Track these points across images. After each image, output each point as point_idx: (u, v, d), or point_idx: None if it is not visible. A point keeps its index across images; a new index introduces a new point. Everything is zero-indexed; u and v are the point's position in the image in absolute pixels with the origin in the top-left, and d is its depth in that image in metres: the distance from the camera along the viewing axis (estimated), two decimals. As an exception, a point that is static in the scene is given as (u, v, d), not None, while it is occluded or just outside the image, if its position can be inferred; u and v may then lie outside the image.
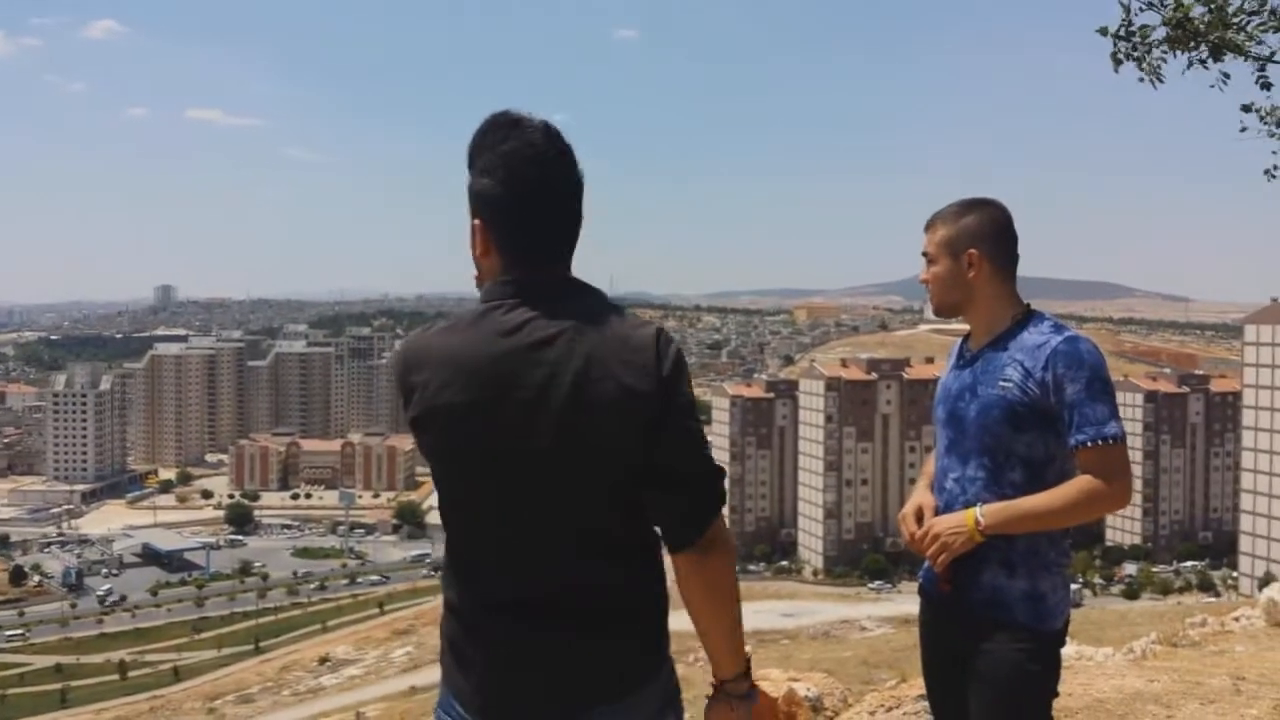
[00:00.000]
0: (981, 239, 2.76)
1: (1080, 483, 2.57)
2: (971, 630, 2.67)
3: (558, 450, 1.90)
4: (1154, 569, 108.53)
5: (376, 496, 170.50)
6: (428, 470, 1.94)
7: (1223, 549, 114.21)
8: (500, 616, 1.95)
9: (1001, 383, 2.66)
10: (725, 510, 1.83)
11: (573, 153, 2.00)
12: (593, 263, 1.96)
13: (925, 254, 2.85)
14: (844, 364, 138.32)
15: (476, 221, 2.02)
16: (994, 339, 2.75)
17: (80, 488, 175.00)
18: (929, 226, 2.85)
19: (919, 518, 2.81)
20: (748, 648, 1.95)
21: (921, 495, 2.86)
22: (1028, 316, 2.74)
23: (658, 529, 1.99)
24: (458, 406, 1.91)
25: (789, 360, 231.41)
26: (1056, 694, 2.70)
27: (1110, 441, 2.54)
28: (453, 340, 1.95)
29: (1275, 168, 5.80)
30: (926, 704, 5.24)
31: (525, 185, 1.96)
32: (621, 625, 1.97)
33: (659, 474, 1.93)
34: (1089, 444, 2.54)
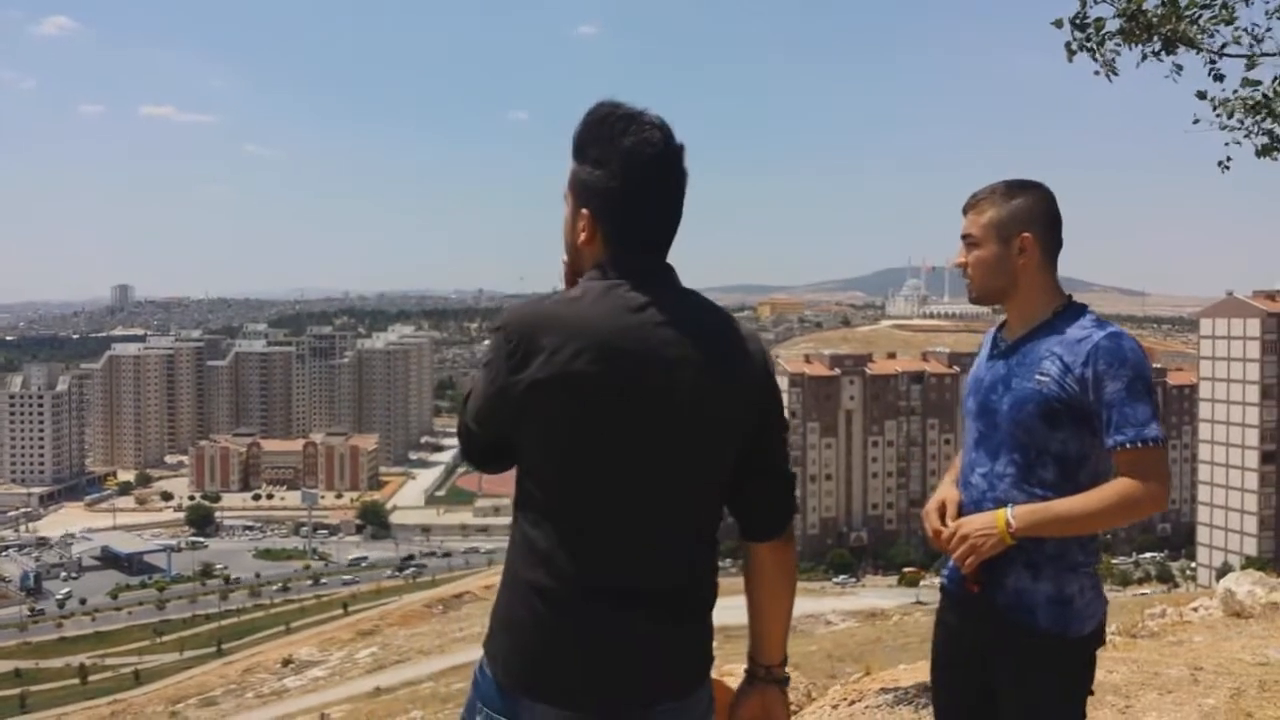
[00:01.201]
0: (1034, 223, 2.63)
1: (1118, 485, 2.46)
2: (995, 634, 2.59)
3: (687, 431, 1.93)
4: (1113, 561, 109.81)
5: (339, 497, 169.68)
6: (391, 470, 1.95)
7: (1180, 541, 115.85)
8: (603, 604, 1.92)
9: (1038, 376, 2.55)
10: None
11: (684, 149, 2.05)
12: (556, 259, 2.13)
13: (967, 237, 2.70)
14: (807, 360, 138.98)
15: (585, 210, 2.03)
16: (1031, 330, 2.63)
17: (37, 490, 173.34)
18: (971, 207, 2.69)
19: (943, 514, 2.71)
20: (714, 643, 2.12)
21: (946, 490, 2.76)
22: (1068, 309, 2.63)
23: (739, 519, 2.07)
24: (593, 376, 1.89)
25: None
26: (1091, 693, 2.63)
27: (1151, 444, 2.44)
28: (582, 310, 1.94)
29: (1228, 159, 5.83)
30: (889, 696, 5.39)
31: (644, 180, 2.00)
32: (701, 618, 2.01)
33: (762, 465, 2.03)
34: (1128, 445, 2.44)
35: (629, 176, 2.00)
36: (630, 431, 1.91)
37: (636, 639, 1.92)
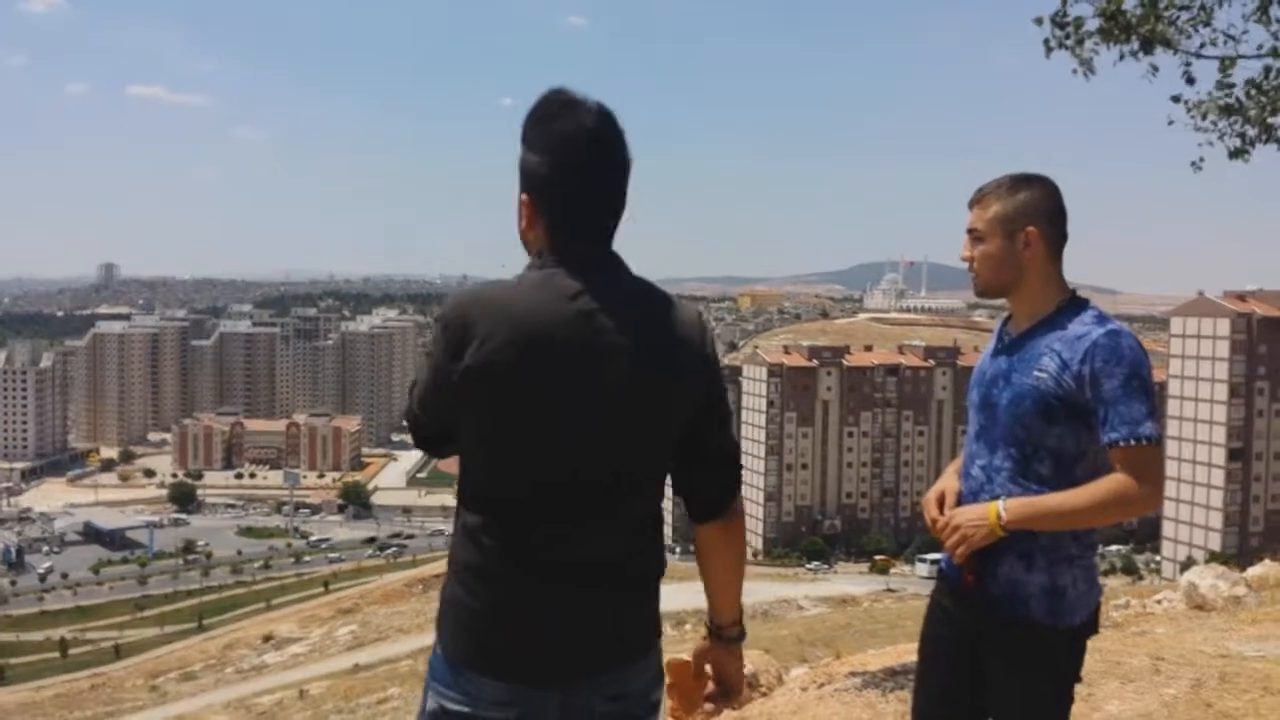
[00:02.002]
0: (1039, 216, 2.61)
1: (1110, 482, 2.45)
2: (988, 622, 2.61)
3: (617, 418, 1.94)
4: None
5: (321, 477, 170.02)
6: (373, 451, 2.42)
7: (1146, 535, 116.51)
8: (534, 577, 1.95)
9: (1037, 372, 2.54)
10: (668, 492, 2.15)
11: (624, 135, 2.04)
12: None
13: (972, 231, 2.67)
14: (786, 351, 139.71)
15: (524, 196, 2.04)
16: (1034, 325, 2.62)
17: (20, 465, 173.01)
18: (977, 201, 2.66)
19: (942, 504, 2.72)
20: (686, 625, 2.79)
21: (947, 480, 2.77)
22: (1071, 304, 2.61)
23: (683, 498, 2.11)
24: (522, 363, 1.90)
25: (733, 346, 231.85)
26: (1079, 679, 2.64)
27: (1144, 442, 2.43)
28: (517, 298, 1.95)
29: (1201, 160, 5.81)
30: (857, 679, 5.52)
31: (577, 165, 1.99)
32: (640, 590, 2.04)
33: (703, 445, 2.05)
34: (1122, 443, 2.43)
35: (561, 161, 1.99)
36: (558, 419, 1.92)
37: (569, 612, 1.95)
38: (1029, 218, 2.60)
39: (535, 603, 1.94)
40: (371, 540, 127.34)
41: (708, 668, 2.19)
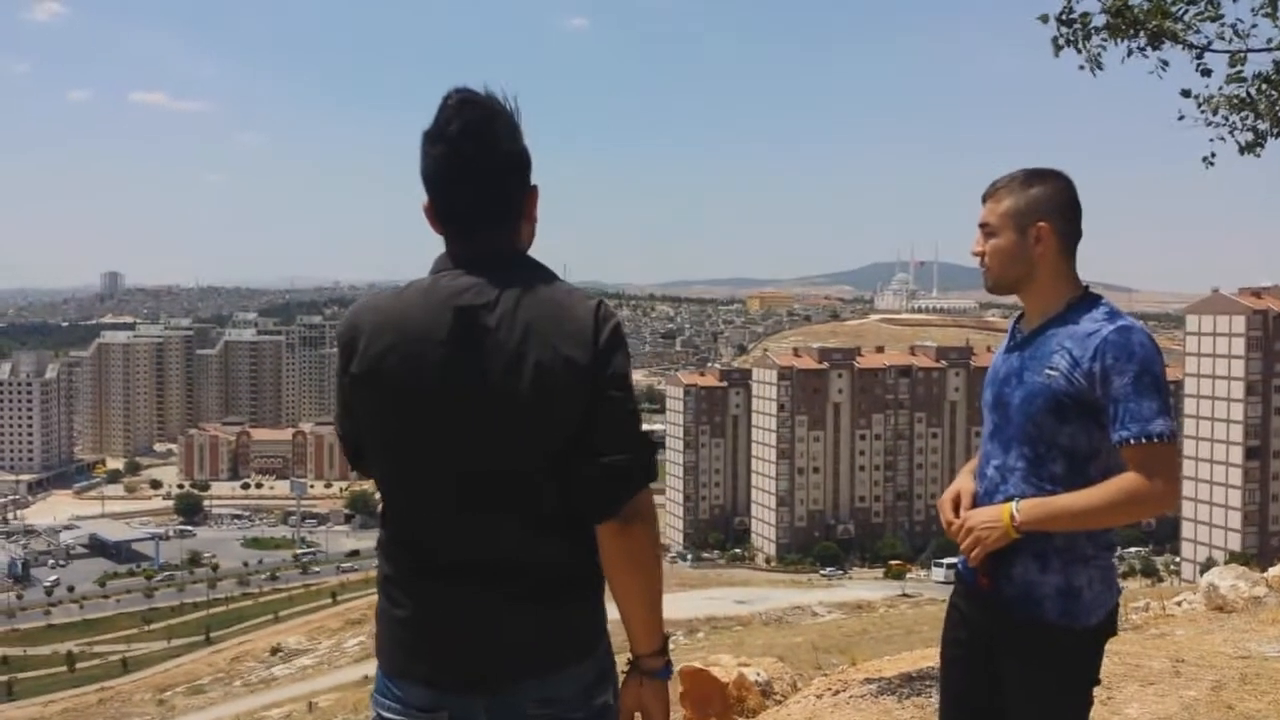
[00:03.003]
0: (1051, 212, 2.59)
1: (1122, 482, 2.44)
2: (1003, 623, 2.59)
3: (498, 416, 1.91)
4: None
5: (329, 486, 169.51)
6: None
7: (1165, 536, 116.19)
8: (439, 582, 1.96)
9: (1048, 370, 2.52)
10: (679, 498, 1.95)
11: (489, 127, 1.99)
12: (545, 252, 2.05)
13: (984, 225, 2.66)
14: (796, 353, 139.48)
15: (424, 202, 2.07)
16: (1046, 322, 2.60)
17: (26, 478, 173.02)
18: (990, 196, 2.66)
19: (957, 505, 2.70)
20: (699, 633, 2.00)
21: (962, 481, 2.75)
22: (1082, 300, 2.59)
23: (579, 498, 1.97)
24: (402, 367, 1.92)
25: (742, 349, 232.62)
26: (1098, 681, 2.62)
27: (1156, 439, 2.41)
28: (399, 304, 1.98)
29: (1213, 155, 5.82)
30: (873, 686, 5.46)
31: (437, 161, 2.00)
32: (559, 597, 1.97)
33: (585, 444, 1.93)
34: (1133, 441, 2.41)
35: (428, 157, 2.00)
36: (441, 420, 1.92)
37: (479, 617, 1.94)
38: (1041, 213, 2.59)
39: (444, 608, 1.96)
40: (355, 554, 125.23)
41: (636, 714, 2.06)
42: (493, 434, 1.92)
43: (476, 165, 1.99)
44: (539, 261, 2.06)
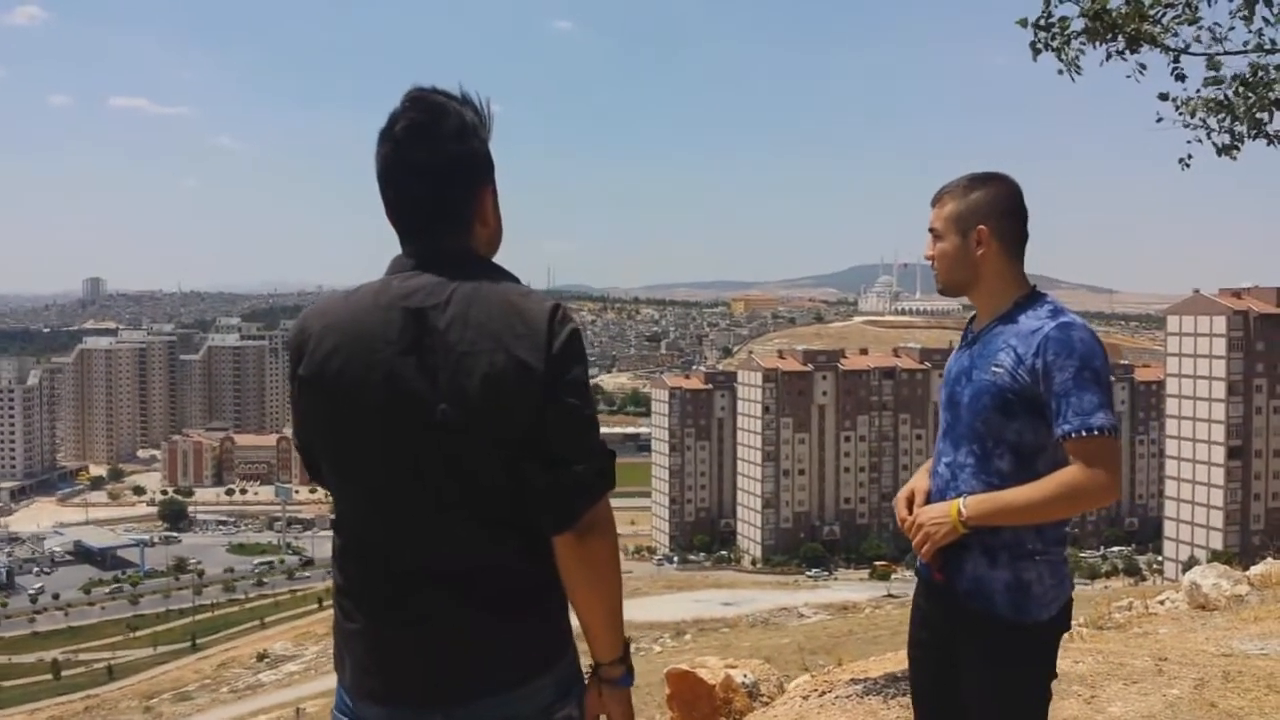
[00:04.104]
0: (991, 215, 2.66)
1: (1063, 475, 2.50)
2: (958, 618, 2.66)
3: (447, 419, 1.86)
4: (1081, 554, 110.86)
5: (314, 491, 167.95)
6: None
7: (1148, 535, 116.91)
8: (392, 592, 1.91)
9: (994, 368, 2.59)
10: (665, 501, 1.96)
11: (435, 126, 1.96)
12: (530, 255, 1.97)
13: (932, 230, 2.75)
14: (781, 355, 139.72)
15: None
16: (994, 321, 2.68)
17: (9, 485, 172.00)
18: (937, 201, 2.74)
19: (912, 503, 2.77)
20: (686, 635, 2.11)
21: (917, 479, 2.82)
22: (1028, 299, 2.67)
23: (535, 506, 1.91)
24: (346, 370, 1.89)
25: (727, 352, 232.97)
26: (1055, 675, 2.68)
27: (1097, 432, 2.46)
28: (348, 306, 1.95)
29: (1189, 157, 5.85)
30: (858, 687, 5.50)
31: (384, 160, 1.98)
32: (518, 607, 1.92)
33: (539, 451, 1.87)
34: (1074, 435, 2.47)
35: (376, 156, 1.99)
36: (386, 424, 1.88)
37: (430, 630, 1.89)
38: (981, 216, 2.66)
39: (397, 620, 1.90)
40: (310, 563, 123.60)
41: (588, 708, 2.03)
42: (443, 436, 1.85)
43: (420, 164, 1.95)
44: (495, 263, 2.01)
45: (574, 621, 2.01)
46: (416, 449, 1.87)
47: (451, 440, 1.86)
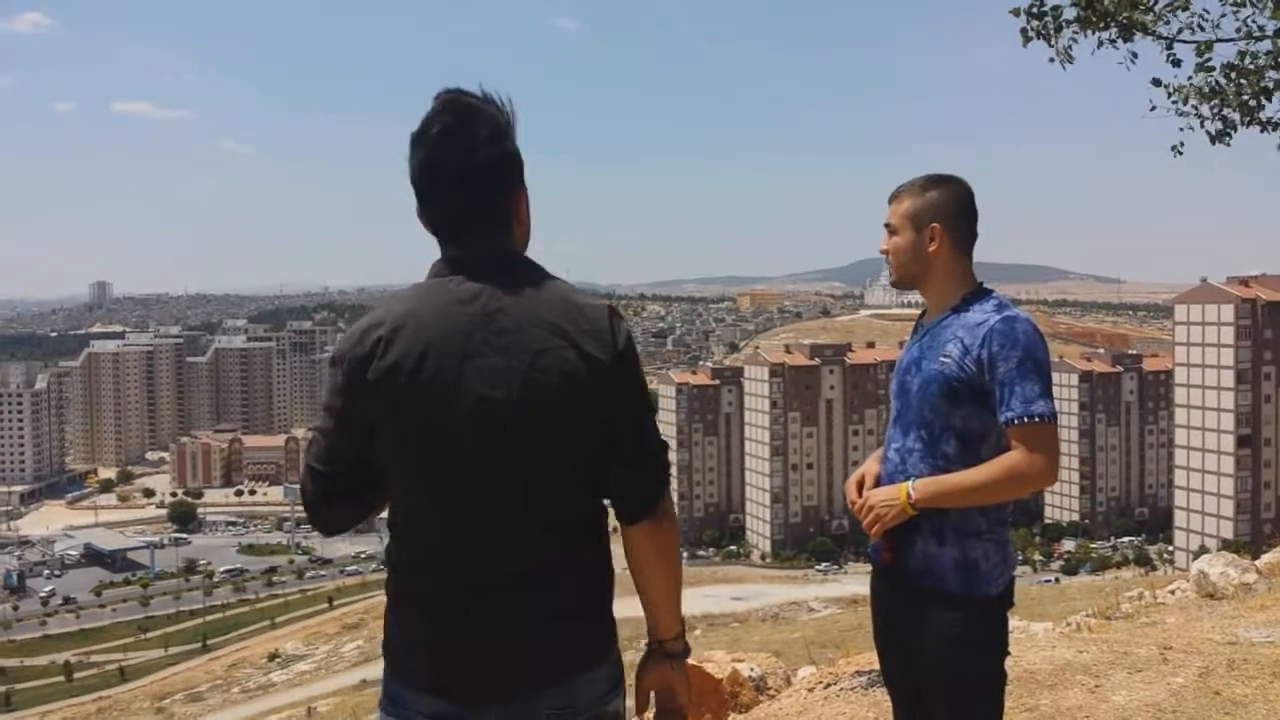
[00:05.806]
0: (944, 214, 2.79)
1: (1005, 460, 2.62)
2: (910, 598, 2.75)
3: (523, 418, 1.89)
4: (1092, 545, 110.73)
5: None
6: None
7: (1158, 524, 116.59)
8: (460, 599, 1.94)
9: (942, 358, 2.70)
10: (674, 497, 2.01)
11: (470, 129, 1.96)
12: (535, 253, 2.03)
13: (888, 225, 2.88)
14: (788, 350, 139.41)
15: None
16: (943, 314, 2.80)
17: (18, 489, 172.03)
18: (894, 198, 2.87)
19: (862, 487, 2.87)
20: (696, 631, 2.15)
21: (868, 464, 2.93)
22: (976, 294, 2.79)
23: (609, 501, 2.03)
24: (425, 367, 1.89)
25: (734, 347, 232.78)
26: (1008, 653, 2.78)
27: (1038, 419, 2.59)
28: (414, 305, 1.94)
29: (1181, 145, 5.92)
30: (863, 679, 5.43)
31: (420, 166, 1.98)
32: (579, 608, 1.99)
33: (618, 446, 1.97)
34: (1016, 421, 2.59)
35: (410, 161, 1.99)
36: (460, 426, 1.89)
37: (496, 629, 1.93)
38: (935, 215, 2.80)
39: (463, 625, 1.94)
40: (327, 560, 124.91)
41: (644, 683, 2.13)
42: (526, 438, 1.90)
43: (457, 168, 1.96)
44: (537, 263, 2.04)
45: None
46: (500, 454, 1.90)
47: (535, 441, 1.90)
